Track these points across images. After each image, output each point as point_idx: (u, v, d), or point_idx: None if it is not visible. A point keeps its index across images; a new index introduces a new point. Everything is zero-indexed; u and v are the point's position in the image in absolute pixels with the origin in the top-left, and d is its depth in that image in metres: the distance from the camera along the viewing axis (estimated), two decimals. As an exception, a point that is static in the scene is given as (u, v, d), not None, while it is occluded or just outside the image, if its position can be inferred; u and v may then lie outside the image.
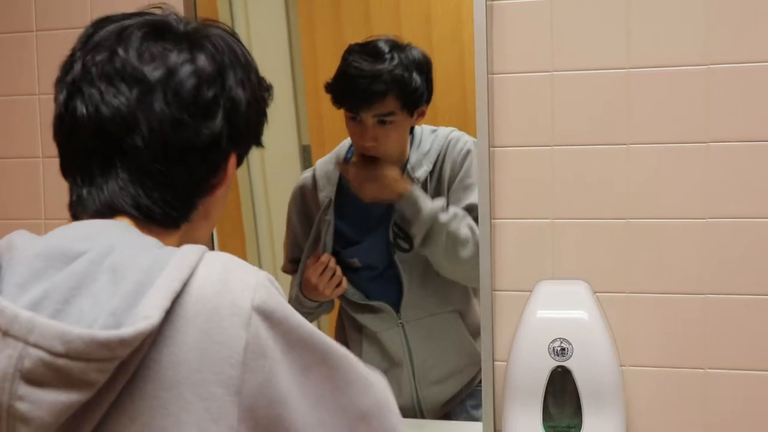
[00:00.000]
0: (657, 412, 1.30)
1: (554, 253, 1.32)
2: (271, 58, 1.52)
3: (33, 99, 1.56)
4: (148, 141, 0.67)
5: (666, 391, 1.30)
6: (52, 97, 1.66)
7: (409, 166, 1.41)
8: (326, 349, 0.65)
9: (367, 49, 1.40)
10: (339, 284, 1.44)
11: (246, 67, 0.74)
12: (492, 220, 1.33)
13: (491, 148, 1.32)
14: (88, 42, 0.71)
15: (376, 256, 1.45)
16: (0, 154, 1.58)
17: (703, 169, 1.27)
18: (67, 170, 0.72)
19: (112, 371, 0.57)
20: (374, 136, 1.39)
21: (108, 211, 0.68)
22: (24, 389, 0.56)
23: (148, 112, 0.67)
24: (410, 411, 1.43)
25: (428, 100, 1.40)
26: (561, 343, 1.24)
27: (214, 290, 0.61)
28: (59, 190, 1.55)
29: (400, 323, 1.43)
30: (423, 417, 1.44)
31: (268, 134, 0.80)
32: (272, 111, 0.80)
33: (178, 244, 0.70)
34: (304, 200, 1.47)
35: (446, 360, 1.44)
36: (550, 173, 1.32)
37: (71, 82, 0.69)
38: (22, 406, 0.56)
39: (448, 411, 1.45)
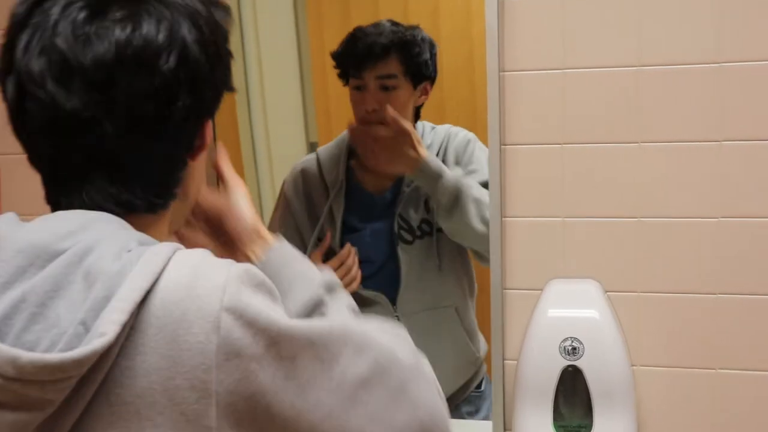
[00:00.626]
0: (668, 412, 1.30)
1: (565, 251, 1.31)
2: (279, 55, 1.51)
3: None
4: (115, 139, 0.63)
5: (677, 391, 1.29)
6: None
7: None
8: (310, 331, 0.62)
9: (374, 24, 1.42)
10: (353, 280, 1.43)
11: (194, 16, 0.66)
12: (503, 219, 1.32)
13: (502, 146, 1.32)
14: (23, 27, 0.67)
15: (377, 248, 1.44)
16: (8, 150, 1.58)
17: (716, 168, 1.26)
18: (36, 169, 0.69)
19: (74, 386, 0.55)
20: (377, 99, 1.39)
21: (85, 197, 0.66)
22: None
23: (108, 109, 0.63)
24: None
25: (432, 79, 1.41)
26: (572, 342, 1.23)
27: (181, 295, 0.58)
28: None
29: (396, 316, 1.42)
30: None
31: (276, 131, 0.78)
32: (280, 108, 0.78)
33: (169, 224, 0.70)
34: (306, 183, 1.46)
35: (442, 358, 1.43)
36: (561, 171, 1.31)
37: (16, 83, 0.65)
38: None
39: None
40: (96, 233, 0.61)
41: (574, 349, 1.23)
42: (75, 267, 0.59)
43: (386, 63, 1.39)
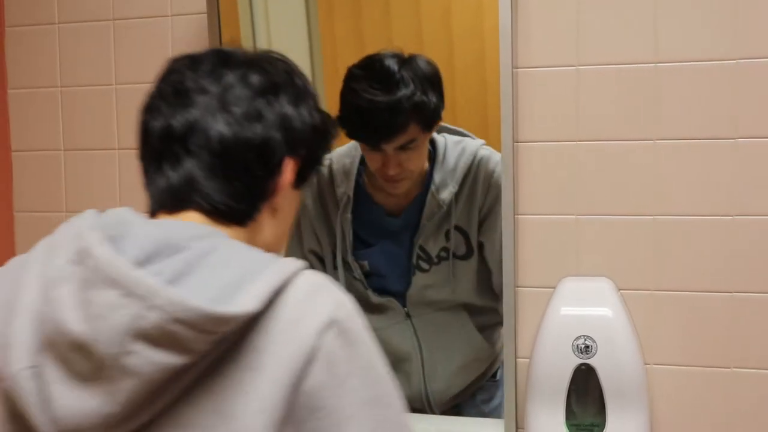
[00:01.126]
0: (681, 411, 1.29)
1: (578, 249, 1.31)
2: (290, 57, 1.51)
3: (54, 92, 1.56)
4: (210, 142, 0.76)
5: (691, 390, 1.28)
6: (73, 89, 1.67)
7: (433, 187, 1.36)
8: (390, 395, 0.71)
9: (374, 74, 1.32)
10: None
11: (301, 90, 0.83)
12: (516, 216, 1.32)
13: (515, 143, 1.31)
14: (163, 74, 0.82)
15: (390, 268, 1.42)
16: (22, 146, 1.59)
17: (731, 166, 1.25)
18: (144, 171, 0.81)
19: (212, 344, 0.64)
20: (397, 163, 1.33)
21: (180, 204, 0.77)
22: (135, 345, 0.63)
23: (209, 118, 0.76)
24: (419, 405, 1.43)
25: (444, 106, 1.35)
26: (585, 340, 1.23)
27: (304, 296, 0.69)
28: (80, 182, 1.57)
29: (408, 317, 1.41)
30: (432, 411, 1.42)
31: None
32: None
33: (249, 239, 0.78)
34: (320, 190, 1.43)
35: (454, 353, 1.42)
36: (575, 169, 1.30)
37: (149, 103, 0.81)
38: (132, 360, 0.63)
39: (457, 404, 1.44)
40: (216, 239, 0.72)
41: (587, 347, 1.23)
42: (203, 258, 0.68)
43: (405, 133, 1.31)
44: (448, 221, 1.36)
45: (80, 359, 0.65)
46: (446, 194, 1.36)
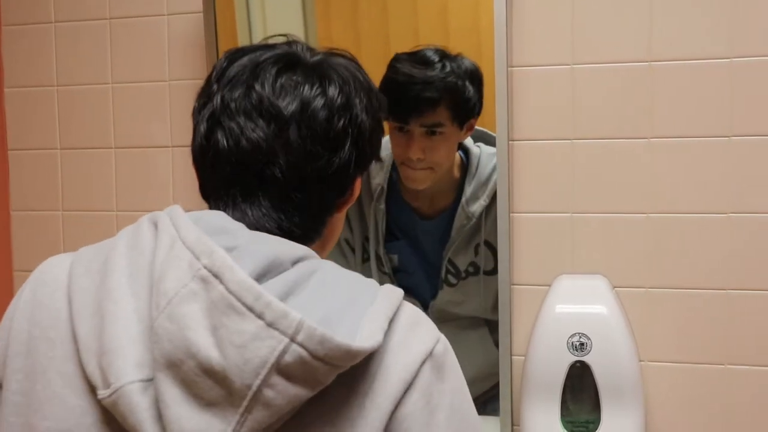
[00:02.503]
0: (676, 408, 1.30)
1: (573, 247, 1.31)
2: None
3: (51, 90, 1.56)
4: (285, 171, 0.73)
5: (686, 387, 1.29)
6: (70, 88, 1.67)
7: (464, 198, 1.36)
8: (470, 427, 0.72)
9: (416, 57, 1.35)
10: None
11: (369, 92, 0.80)
12: (511, 214, 1.32)
13: (510, 142, 1.31)
14: (224, 75, 0.77)
15: (418, 267, 1.42)
16: (18, 145, 1.59)
17: (726, 164, 1.25)
18: (208, 194, 0.78)
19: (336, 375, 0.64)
20: (422, 147, 1.33)
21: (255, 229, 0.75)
22: (275, 379, 0.62)
23: (285, 144, 0.73)
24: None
25: (479, 113, 1.34)
26: (580, 338, 1.23)
27: (409, 328, 0.69)
28: (76, 181, 1.57)
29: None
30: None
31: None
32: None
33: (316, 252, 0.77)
34: None
35: (470, 367, 1.41)
36: (570, 167, 1.31)
37: (211, 115, 0.75)
38: (268, 393, 0.62)
39: None
40: (316, 262, 0.71)
41: (582, 344, 1.23)
42: (306, 277, 0.67)
43: (435, 112, 1.32)
44: (478, 235, 1.36)
45: (209, 384, 0.62)
46: (476, 207, 1.35)
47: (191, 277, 0.64)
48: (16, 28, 1.57)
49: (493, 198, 1.34)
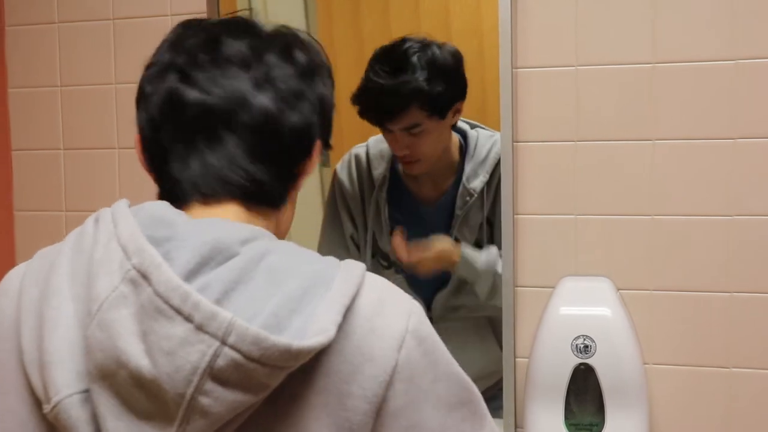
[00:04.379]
0: (680, 410, 1.29)
1: (577, 249, 1.31)
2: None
3: (55, 91, 1.56)
4: (254, 120, 0.70)
5: (690, 389, 1.29)
6: (73, 89, 1.67)
7: (464, 177, 1.38)
8: (470, 390, 0.68)
9: (391, 57, 1.36)
10: None
11: (328, 70, 0.78)
12: (515, 216, 1.32)
13: (515, 143, 1.31)
14: (183, 39, 0.74)
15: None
16: (22, 146, 1.59)
17: (730, 166, 1.25)
18: (165, 152, 0.72)
19: (286, 376, 0.60)
20: (405, 144, 1.37)
21: (221, 188, 0.69)
22: (210, 385, 0.57)
23: (256, 94, 0.70)
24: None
25: (462, 96, 1.36)
26: (584, 340, 1.23)
27: (374, 311, 0.63)
28: (80, 182, 1.57)
29: (430, 320, 1.40)
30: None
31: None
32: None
33: (275, 230, 0.73)
34: (359, 175, 1.45)
35: (471, 364, 1.41)
36: (574, 168, 1.30)
37: (178, 69, 0.71)
38: (204, 401, 0.57)
39: None
40: (268, 242, 0.66)
41: (586, 347, 1.23)
42: (255, 264, 0.62)
43: (407, 116, 1.34)
44: (480, 213, 1.38)
45: (142, 396, 0.58)
46: (477, 183, 1.37)
47: (121, 278, 0.59)
48: (19, 28, 1.57)
49: (493, 174, 1.35)
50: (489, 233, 1.37)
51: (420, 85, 1.33)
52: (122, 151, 1.53)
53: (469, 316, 1.41)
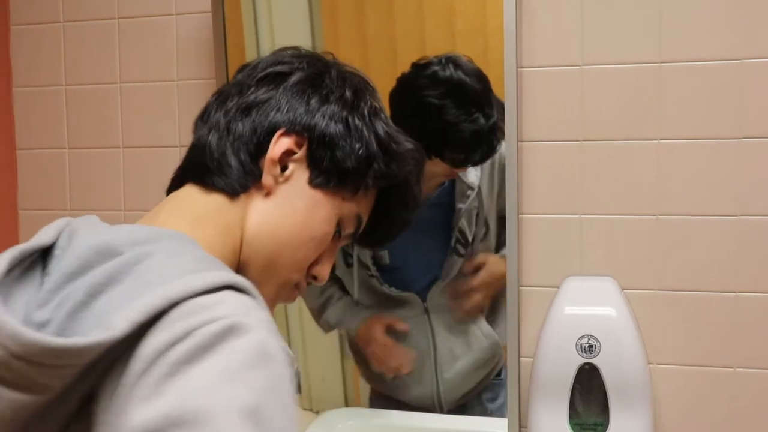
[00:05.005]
0: (685, 410, 1.29)
1: (582, 248, 1.31)
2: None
3: (59, 90, 1.56)
4: (226, 114, 0.80)
5: (694, 389, 1.28)
6: (78, 88, 1.67)
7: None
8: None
9: (470, 97, 1.32)
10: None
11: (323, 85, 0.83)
12: (519, 215, 1.32)
13: (519, 143, 1.31)
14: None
15: (413, 257, 1.42)
16: (26, 145, 1.59)
17: (735, 166, 1.25)
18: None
19: (78, 375, 0.56)
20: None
21: (185, 171, 0.78)
22: None
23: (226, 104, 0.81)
24: (429, 402, 1.43)
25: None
26: (589, 339, 1.23)
27: (183, 315, 0.57)
28: (84, 181, 1.57)
29: (426, 311, 1.42)
30: (441, 409, 1.43)
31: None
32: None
33: (241, 219, 0.74)
34: None
35: (468, 354, 1.43)
36: (579, 168, 1.30)
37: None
38: None
39: (464, 403, 1.44)
40: (158, 245, 0.64)
41: (590, 346, 1.23)
42: (130, 267, 0.60)
43: None
44: (479, 206, 1.38)
45: None
46: (472, 177, 1.37)
47: None
48: (24, 27, 1.57)
49: (482, 167, 1.36)
50: (485, 230, 1.38)
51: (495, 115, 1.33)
52: (126, 150, 1.53)
53: (463, 309, 1.41)
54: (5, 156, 1.58)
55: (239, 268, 0.76)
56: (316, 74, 0.82)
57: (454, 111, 1.32)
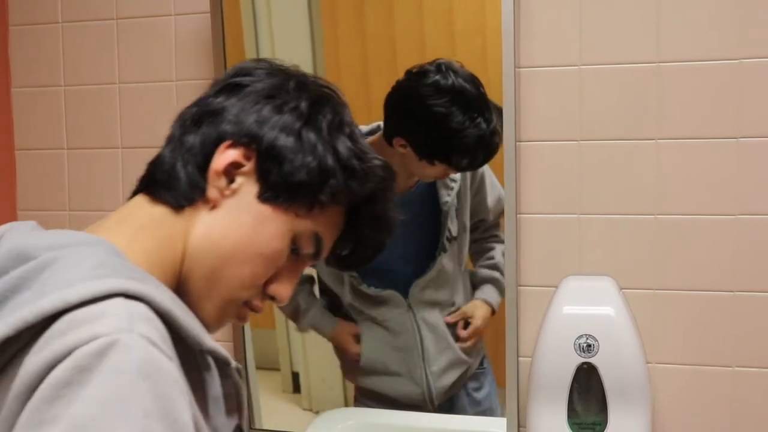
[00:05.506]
0: (684, 410, 1.29)
1: (581, 248, 1.31)
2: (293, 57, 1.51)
3: (58, 90, 1.56)
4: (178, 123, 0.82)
5: (693, 389, 1.29)
6: (76, 88, 1.67)
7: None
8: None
9: (474, 102, 1.32)
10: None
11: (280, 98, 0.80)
12: (518, 215, 1.32)
13: (518, 143, 1.31)
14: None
15: (395, 257, 1.43)
16: (25, 145, 1.59)
17: (734, 165, 1.25)
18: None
19: None
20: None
21: (144, 181, 0.81)
22: None
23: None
24: (420, 398, 1.42)
25: None
26: (587, 339, 1.23)
27: (66, 328, 0.57)
28: (83, 182, 1.57)
29: (410, 307, 1.42)
30: (431, 403, 1.42)
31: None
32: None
33: (185, 232, 0.74)
34: None
35: (454, 347, 1.43)
36: (578, 168, 1.30)
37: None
38: None
39: (451, 396, 1.44)
40: (69, 251, 0.63)
41: (589, 346, 1.23)
42: (36, 274, 0.61)
43: None
44: (459, 203, 1.39)
45: None
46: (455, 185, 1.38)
47: None
48: (23, 28, 1.57)
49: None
50: (462, 227, 1.39)
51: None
52: (125, 150, 1.53)
53: (446, 301, 1.41)
54: (4, 156, 1.59)
55: (180, 281, 0.74)
56: (274, 85, 0.79)
57: (459, 118, 1.32)
